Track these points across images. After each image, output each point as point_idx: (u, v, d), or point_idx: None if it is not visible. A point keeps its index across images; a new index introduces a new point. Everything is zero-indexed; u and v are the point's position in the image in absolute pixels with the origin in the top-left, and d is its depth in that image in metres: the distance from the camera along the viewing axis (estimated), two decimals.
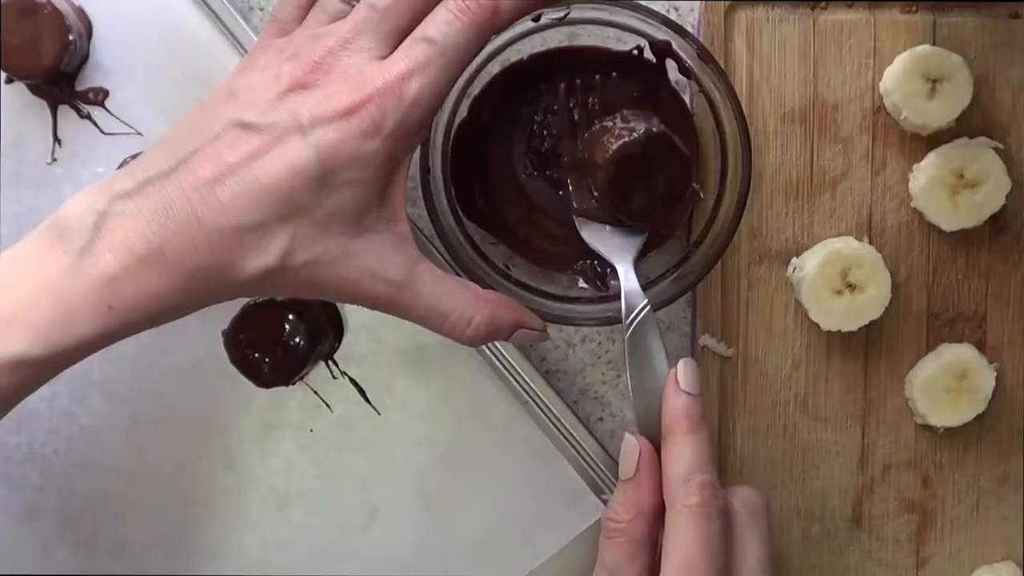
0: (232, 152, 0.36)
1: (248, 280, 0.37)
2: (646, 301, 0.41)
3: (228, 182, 0.36)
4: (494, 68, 0.47)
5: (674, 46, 0.45)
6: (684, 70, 0.46)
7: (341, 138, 0.36)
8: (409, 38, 0.37)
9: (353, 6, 0.39)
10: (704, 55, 0.45)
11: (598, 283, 0.48)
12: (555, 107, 0.48)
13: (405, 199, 0.39)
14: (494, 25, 0.38)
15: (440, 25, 0.37)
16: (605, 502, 0.51)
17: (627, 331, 0.41)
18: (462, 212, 0.47)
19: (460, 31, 0.37)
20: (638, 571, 0.38)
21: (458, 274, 0.49)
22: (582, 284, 0.49)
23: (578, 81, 0.48)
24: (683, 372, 0.39)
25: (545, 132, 0.48)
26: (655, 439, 0.40)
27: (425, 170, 0.44)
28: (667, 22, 0.44)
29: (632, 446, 0.40)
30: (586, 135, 0.46)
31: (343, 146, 0.36)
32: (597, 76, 0.48)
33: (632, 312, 0.41)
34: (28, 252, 0.37)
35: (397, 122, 0.36)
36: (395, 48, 0.38)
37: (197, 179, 0.36)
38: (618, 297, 0.44)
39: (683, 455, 0.38)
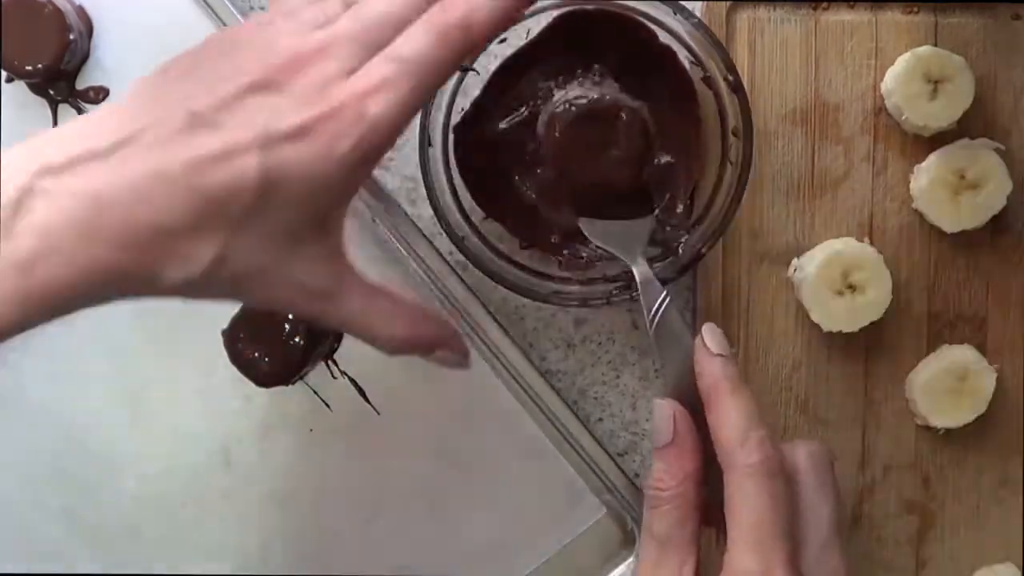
0: (176, 146, 0.33)
1: (169, 288, 0.35)
2: (665, 292, 0.41)
3: (167, 179, 0.33)
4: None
5: (677, 27, 0.46)
6: (687, 47, 0.46)
7: (291, 158, 0.34)
8: (379, 55, 0.35)
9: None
10: (706, 33, 0.45)
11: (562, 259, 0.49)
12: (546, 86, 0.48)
13: (344, 216, 0.37)
14: (467, 44, 0.36)
15: (412, 43, 0.35)
16: (605, 502, 0.52)
17: (651, 325, 0.41)
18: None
19: (431, 50, 0.35)
20: (689, 537, 0.37)
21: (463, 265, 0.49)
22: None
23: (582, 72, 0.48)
24: (709, 336, 0.39)
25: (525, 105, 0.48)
26: (692, 409, 0.39)
27: (425, 143, 0.45)
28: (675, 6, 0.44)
29: (665, 410, 0.38)
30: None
31: (292, 166, 0.34)
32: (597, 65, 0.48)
33: (653, 304, 0.41)
34: None
35: (353, 144, 0.34)
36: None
37: (134, 169, 0.33)
38: (607, 279, 0.46)
39: (733, 416, 0.37)
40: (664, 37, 0.47)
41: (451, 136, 0.47)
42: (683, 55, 0.47)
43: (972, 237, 0.51)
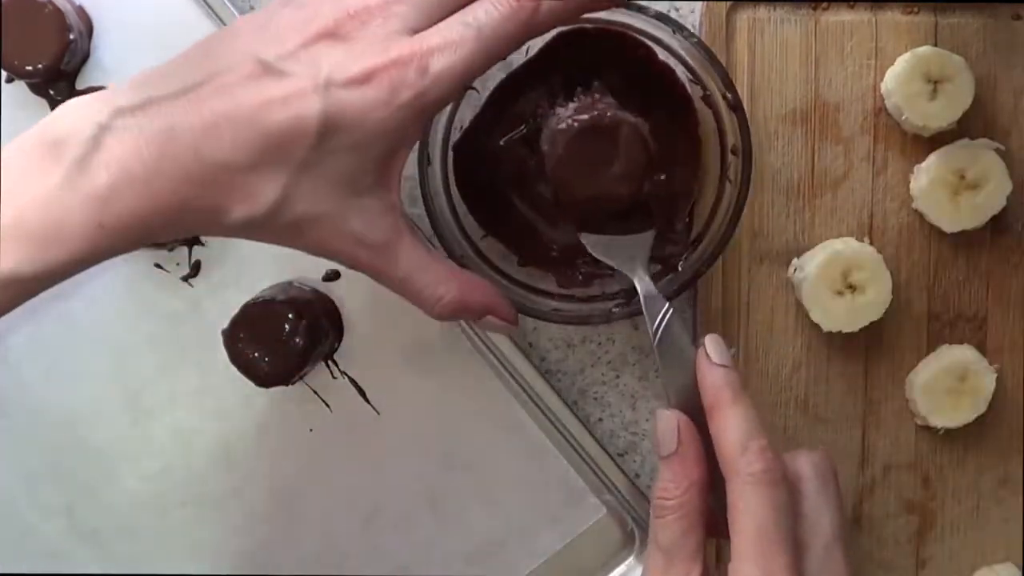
0: (244, 90, 0.35)
1: (233, 225, 0.36)
2: (668, 304, 0.41)
3: (234, 119, 0.35)
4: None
5: (676, 46, 0.45)
6: (686, 66, 0.46)
7: (353, 102, 0.35)
8: (449, 18, 0.37)
9: None
10: (705, 52, 0.45)
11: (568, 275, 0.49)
12: (545, 102, 0.48)
13: (402, 170, 0.39)
14: (533, 25, 0.37)
15: (480, 12, 0.37)
16: (605, 502, 0.52)
17: (655, 338, 0.41)
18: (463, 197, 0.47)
19: (499, 22, 0.37)
20: (695, 547, 0.37)
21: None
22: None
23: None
24: (712, 347, 0.39)
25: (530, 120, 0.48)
26: (695, 421, 0.39)
27: (424, 161, 0.44)
28: (662, 17, 0.44)
29: (669, 420, 0.39)
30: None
31: (353, 110, 0.35)
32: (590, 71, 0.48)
33: (656, 317, 0.41)
34: (18, 161, 0.35)
35: (414, 95, 0.36)
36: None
37: (204, 109, 0.35)
38: (606, 297, 0.45)
39: (734, 424, 0.37)
40: (663, 55, 0.47)
41: (450, 154, 0.47)
42: (682, 73, 0.47)
43: (972, 237, 0.51)
